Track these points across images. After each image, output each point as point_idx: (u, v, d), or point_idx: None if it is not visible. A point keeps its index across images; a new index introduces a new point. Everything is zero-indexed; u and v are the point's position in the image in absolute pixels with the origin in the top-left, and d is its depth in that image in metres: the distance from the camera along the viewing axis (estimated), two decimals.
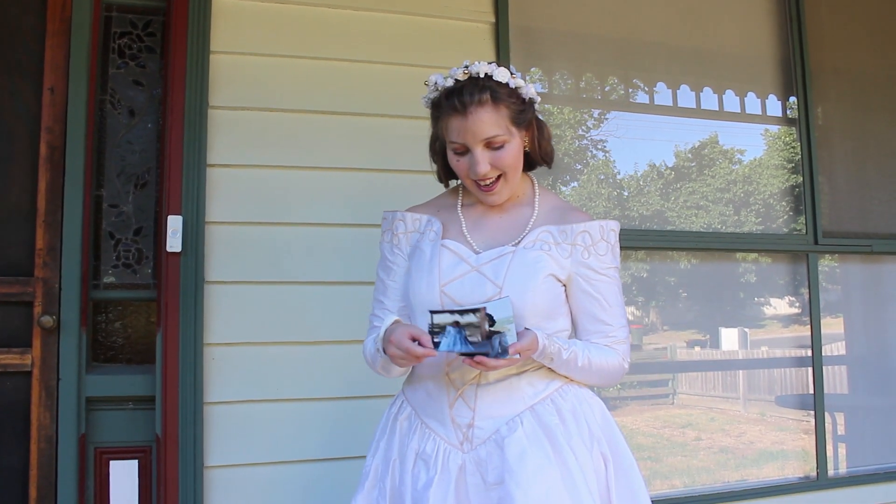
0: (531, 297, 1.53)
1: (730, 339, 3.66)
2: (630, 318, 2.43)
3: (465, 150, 1.57)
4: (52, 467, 2.36)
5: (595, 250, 1.59)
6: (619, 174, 3.38)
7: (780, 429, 3.36)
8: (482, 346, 1.42)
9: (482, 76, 1.55)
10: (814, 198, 3.23)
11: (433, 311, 1.47)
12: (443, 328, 1.44)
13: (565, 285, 1.59)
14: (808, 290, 3.23)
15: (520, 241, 1.59)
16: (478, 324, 1.42)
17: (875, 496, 3.18)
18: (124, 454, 2.45)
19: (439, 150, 1.68)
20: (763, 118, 3.42)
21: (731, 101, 3.35)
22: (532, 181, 1.71)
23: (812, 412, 3.17)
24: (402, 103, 2.57)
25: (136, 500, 2.45)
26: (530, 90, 1.60)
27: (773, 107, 3.39)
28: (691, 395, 3.78)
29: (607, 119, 3.31)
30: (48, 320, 2.35)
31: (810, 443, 3.18)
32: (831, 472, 3.19)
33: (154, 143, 2.60)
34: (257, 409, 2.44)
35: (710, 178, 3.51)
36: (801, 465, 3.21)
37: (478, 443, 1.53)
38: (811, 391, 3.18)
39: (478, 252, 1.60)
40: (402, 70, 2.64)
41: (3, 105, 2.46)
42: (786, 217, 3.41)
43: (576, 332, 1.64)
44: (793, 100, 3.32)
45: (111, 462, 2.44)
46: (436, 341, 1.45)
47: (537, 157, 1.68)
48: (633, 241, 3.01)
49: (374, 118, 2.62)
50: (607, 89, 3.26)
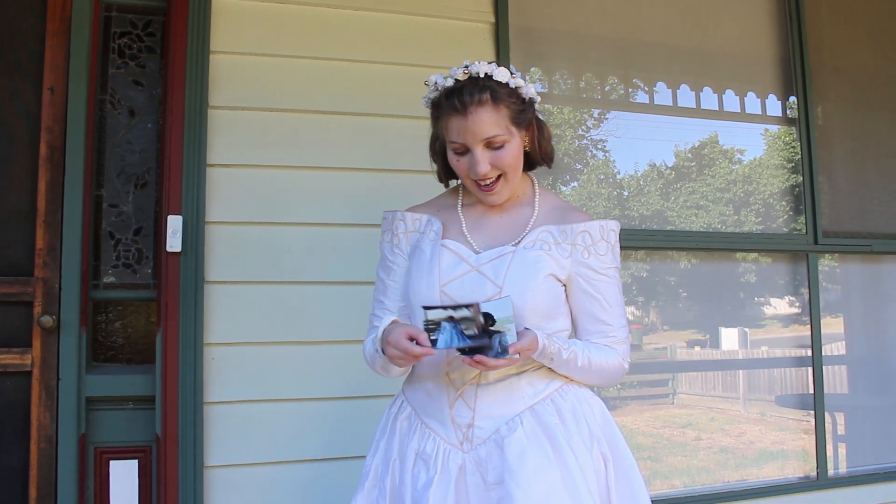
0: (531, 297, 1.53)
1: (730, 338, 3.66)
2: (630, 318, 2.43)
3: (465, 150, 1.57)
4: (52, 467, 2.36)
5: (595, 250, 1.59)
6: (619, 174, 3.38)
7: (780, 429, 3.36)
8: (480, 339, 1.43)
9: (482, 76, 1.55)
10: (814, 197, 3.23)
11: (426, 307, 1.46)
12: (438, 324, 1.44)
13: (565, 285, 1.59)
14: (808, 290, 3.23)
15: (520, 241, 1.59)
16: (472, 317, 1.42)
17: (875, 496, 3.17)
18: (124, 454, 2.45)
19: (439, 149, 1.68)
20: (763, 118, 3.42)
21: (731, 101, 3.35)
22: (532, 181, 1.71)
23: (812, 412, 3.17)
24: (402, 103, 2.57)
25: (136, 500, 2.45)
26: (530, 90, 1.60)
27: (773, 107, 3.39)
28: (691, 395, 3.78)
29: (607, 119, 3.31)
30: (48, 320, 2.35)
31: (810, 443, 3.18)
32: (831, 472, 3.19)
33: (154, 143, 2.60)
34: (257, 409, 2.44)
35: (710, 178, 3.51)
36: (801, 465, 3.21)
37: (478, 443, 1.53)
38: (811, 391, 3.18)
39: (478, 252, 1.60)
40: (402, 70, 2.64)
41: (3, 105, 2.46)
42: (786, 217, 3.41)
43: (576, 332, 1.64)
44: (793, 100, 3.32)
45: (111, 462, 2.44)
46: (433, 339, 1.45)
47: (537, 157, 1.68)
48: (633, 241, 3.01)
49: (374, 118, 2.62)
50: (607, 89, 3.26)
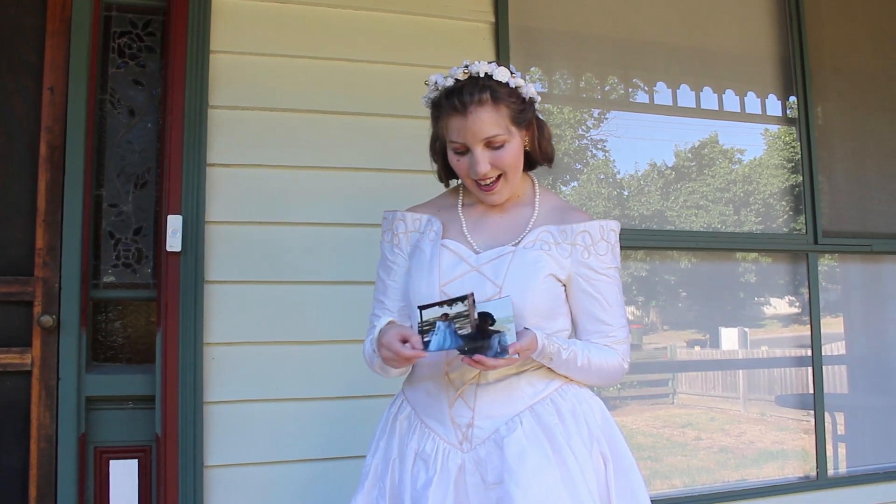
0: (531, 297, 1.53)
1: (730, 338, 3.66)
2: (630, 317, 2.43)
3: (465, 150, 1.57)
4: (52, 467, 2.36)
5: (595, 250, 1.59)
6: (619, 174, 3.38)
7: (779, 428, 3.36)
8: (473, 339, 1.42)
9: (482, 76, 1.55)
10: (814, 197, 3.23)
11: (421, 307, 1.46)
12: (433, 325, 1.44)
13: (565, 285, 1.59)
14: (807, 290, 3.23)
15: (520, 241, 1.59)
16: (467, 312, 1.42)
17: (874, 496, 3.18)
18: (124, 454, 2.45)
19: (439, 149, 1.68)
20: (763, 118, 3.42)
21: (731, 101, 3.35)
22: (532, 181, 1.71)
23: (812, 412, 3.17)
24: (402, 103, 2.57)
25: (136, 500, 2.45)
26: (530, 90, 1.60)
27: (773, 106, 3.39)
28: (691, 395, 3.77)
29: (607, 119, 3.31)
30: (48, 320, 2.35)
31: (810, 442, 3.18)
32: (831, 472, 3.19)
33: (154, 143, 2.60)
34: (257, 409, 2.44)
35: (710, 178, 3.51)
36: (800, 465, 3.21)
37: (477, 442, 1.53)
38: (811, 391, 3.18)
39: (478, 252, 1.60)
40: (402, 70, 2.64)
41: (3, 105, 2.46)
42: (786, 217, 3.41)
43: (576, 332, 1.64)
44: (793, 99, 3.32)
45: (111, 461, 2.44)
46: (426, 340, 1.44)
47: (537, 157, 1.68)
48: (633, 241, 3.01)
49: (374, 118, 2.62)
50: (607, 89, 3.26)
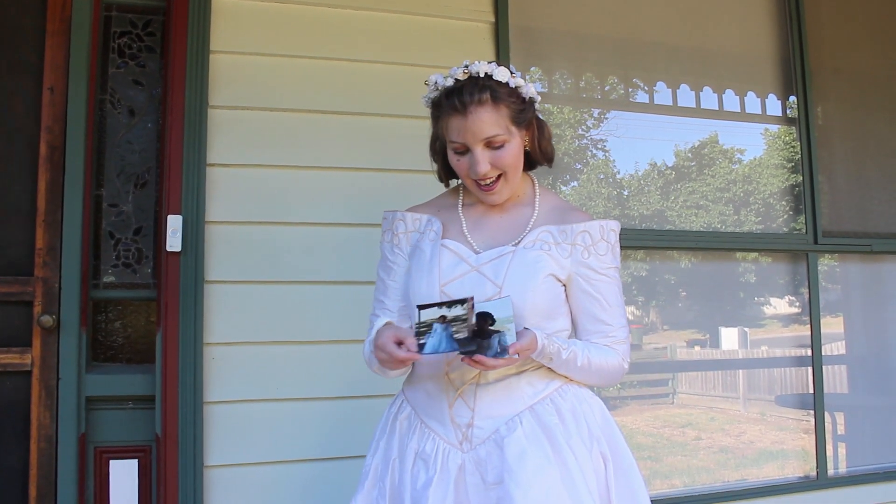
0: (531, 297, 1.52)
1: (730, 338, 3.66)
2: (630, 317, 2.43)
3: (465, 150, 1.57)
4: (52, 467, 2.36)
5: (595, 250, 1.59)
6: (619, 174, 3.38)
7: (779, 428, 3.36)
8: (468, 344, 1.42)
9: (482, 76, 1.55)
10: (813, 197, 3.23)
11: (420, 307, 1.46)
12: (429, 326, 1.44)
13: (565, 285, 1.59)
14: (807, 290, 3.23)
15: (520, 241, 1.59)
16: (465, 316, 1.42)
17: (874, 496, 3.17)
18: (124, 454, 2.45)
19: (440, 149, 1.68)
20: (763, 118, 3.42)
21: (731, 101, 3.35)
22: (532, 181, 1.71)
23: (812, 412, 3.17)
24: (402, 103, 2.57)
25: (136, 500, 2.45)
26: (530, 89, 1.60)
27: (773, 106, 3.39)
28: (691, 395, 3.77)
29: (607, 119, 3.31)
30: (48, 320, 2.35)
31: (810, 442, 3.18)
32: (831, 472, 3.19)
33: (154, 143, 2.60)
34: (257, 409, 2.44)
35: (710, 178, 3.51)
36: (800, 465, 3.21)
37: (477, 442, 1.53)
38: (811, 391, 3.18)
39: (478, 252, 1.60)
40: (403, 69, 2.64)
41: (3, 105, 2.46)
42: (786, 217, 3.41)
43: (576, 332, 1.64)
44: (793, 99, 3.32)
45: (111, 461, 2.44)
46: (422, 342, 1.44)
47: (538, 157, 1.68)
48: (633, 241, 3.01)
49: (374, 118, 2.62)
50: (607, 89, 3.26)
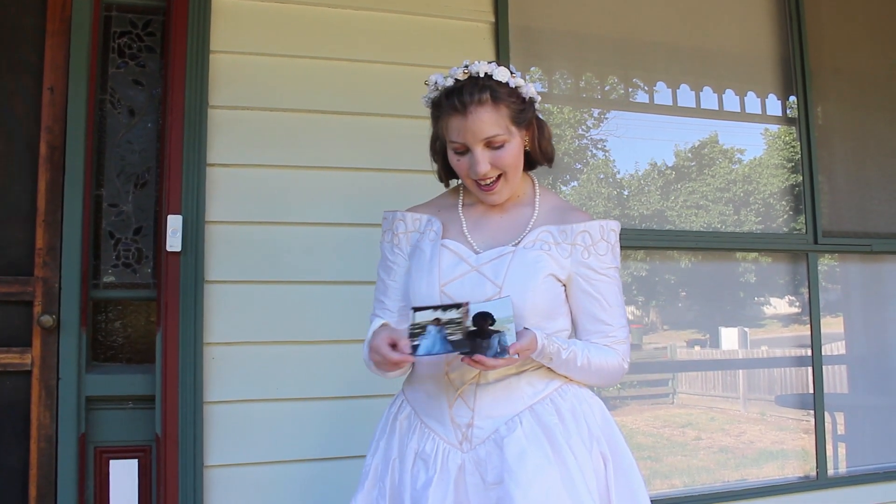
0: (531, 297, 1.52)
1: (730, 338, 3.66)
2: (630, 317, 2.43)
3: (465, 150, 1.57)
4: (52, 467, 2.36)
5: (595, 250, 1.59)
6: (619, 174, 3.38)
7: (779, 428, 3.36)
8: (461, 346, 1.41)
9: (482, 76, 1.55)
10: (813, 197, 3.23)
11: (415, 308, 1.46)
12: (424, 328, 1.43)
13: (565, 285, 1.59)
14: (807, 290, 3.23)
15: (520, 241, 1.59)
16: (459, 320, 1.41)
17: (874, 496, 3.17)
18: (124, 453, 2.45)
19: (440, 149, 1.68)
20: (763, 118, 3.42)
21: (731, 101, 3.35)
22: (533, 181, 1.71)
23: (812, 412, 3.17)
24: (402, 103, 2.57)
25: (136, 500, 2.45)
26: (530, 89, 1.60)
27: (773, 106, 3.39)
28: (691, 395, 3.78)
29: (607, 118, 3.31)
30: (48, 320, 2.35)
31: (810, 442, 3.18)
32: (831, 472, 3.19)
33: (154, 143, 2.60)
34: (257, 409, 2.44)
35: (710, 178, 3.51)
36: (800, 465, 3.21)
37: (477, 442, 1.53)
38: (811, 391, 3.18)
39: (478, 252, 1.60)
40: (402, 69, 2.64)
41: (3, 105, 2.46)
42: (786, 216, 3.41)
43: (576, 332, 1.63)
44: (793, 99, 3.32)
45: (111, 461, 2.44)
46: (416, 344, 1.44)
47: (538, 157, 1.68)
48: (633, 241, 3.01)
49: (374, 118, 2.62)
50: (607, 89, 3.26)
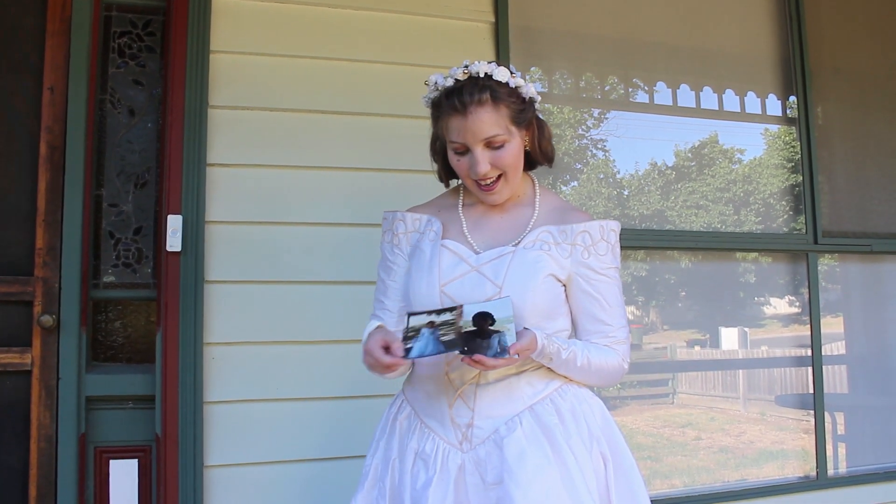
0: (531, 297, 1.52)
1: (730, 338, 3.66)
2: (630, 317, 2.43)
3: (465, 150, 1.57)
4: (52, 467, 2.36)
5: (595, 250, 1.59)
6: (619, 174, 3.38)
7: (779, 428, 3.36)
8: (454, 345, 1.41)
9: (482, 76, 1.55)
10: (813, 197, 3.23)
11: (410, 314, 1.47)
12: (418, 331, 1.43)
13: (565, 285, 1.59)
14: (807, 290, 3.23)
15: (520, 242, 1.59)
16: (453, 321, 1.41)
17: (875, 496, 3.18)
18: (124, 453, 2.45)
19: (440, 149, 1.68)
20: (763, 118, 3.42)
21: (731, 101, 3.35)
22: (533, 181, 1.71)
23: (812, 412, 3.17)
24: (402, 103, 2.57)
25: (136, 500, 2.45)
26: (530, 89, 1.60)
27: (773, 106, 3.39)
28: (691, 395, 3.78)
29: (607, 118, 3.31)
30: (48, 320, 2.35)
31: (810, 442, 3.18)
32: (831, 472, 3.19)
33: (154, 143, 2.60)
34: (257, 409, 2.44)
35: (710, 178, 3.51)
36: (800, 465, 3.21)
37: (477, 442, 1.53)
38: (811, 391, 3.18)
39: (478, 252, 1.60)
40: (402, 69, 2.64)
41: (3, 105, 2.46)
42: (786, 217, 3.41)
43: (576, 332, 1.63)
44: (793, 99, 3.32)
45: (111, 461, 2.44)
46: (409, 347, 1.43)
47: (538, 157, 1.68)
48: (633, 241, 3.01)
49: (374, 118, 2.62)
50: (607, 89, 3.26)
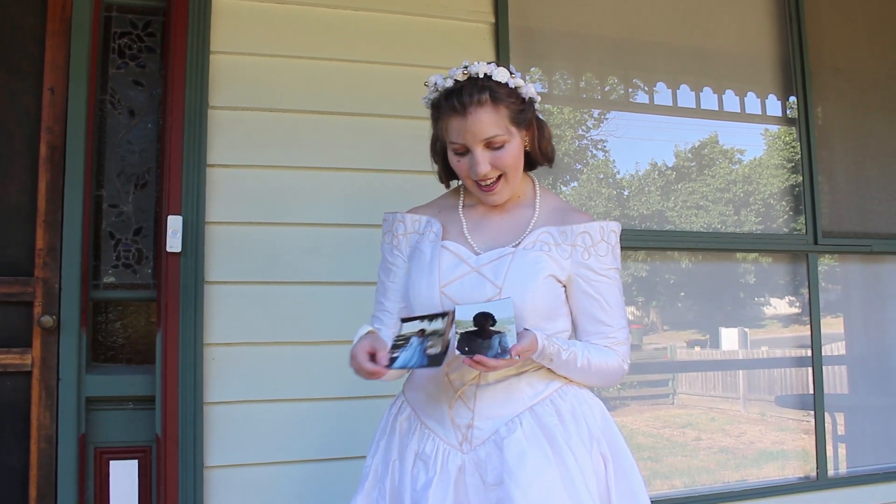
0: (531, 298, 1.52)
1: (730, 339, 3.66)
2: (630, 318, 2.43)
3: (465, 151, 1.57)
4: (52, 467, 2.36)
5: (595, 251, 1.59)
6: (619, 174, 3.38)
7: (780, 429, 3.36)
8: (437, 361, 1.40)
9: (481, 76, 1.55)
10: (813, 198, 3.23)
11: (403, 319, 1.47)
12: (407, 339, 1.43)
13: (565, 286, 1.59)
14: (807, 290, 3.23)
15: (520, 242, 1.59)
16: (442, 331, 1.41)
17: (875, 496, 3.17)
18: (124, 454, 2.45)
19: (440, 150, 1.68)
20: (763, 118, 3.42)
21: (731, 101, 3.35)
22: (533, 182, 1.70)
23: (812, 412, 3.17)
24: (401, 103, 2.57)
25: (136, 500, 2.45)
26: (530, 90, 1.59)
27: (773, 107, 3.39)
28: (691, 395, 3.77)
29: (607, 119, 3.31)
30: (48, 320, 2.35)
31: (810, 443, 3.18)
32: (831, 473, 3.19)
33: (154, 143, 2.60)
34: (257, 409, 2.44)
35: (710, 178, 3.51)
36: (801, 465, 3.21)
37: (477, 443, 1.53)
38: (811, 391, 3.18)
39: (478, 253, 1.59)
40: (402, 70, 2.64)
41: (3, 105, 2.46)
42: (786, 217, 3.41)
43: (576, 333, 1.63)
44: (793, 100, 3.32)
45: (111, 462, 2.44)
46: (394, 356, 1.43)
47: (538, 157, 1.68)
48: (633, 241, 3.01)
49: (373, 118, 2.62)
50: (607, 89, 3.26)
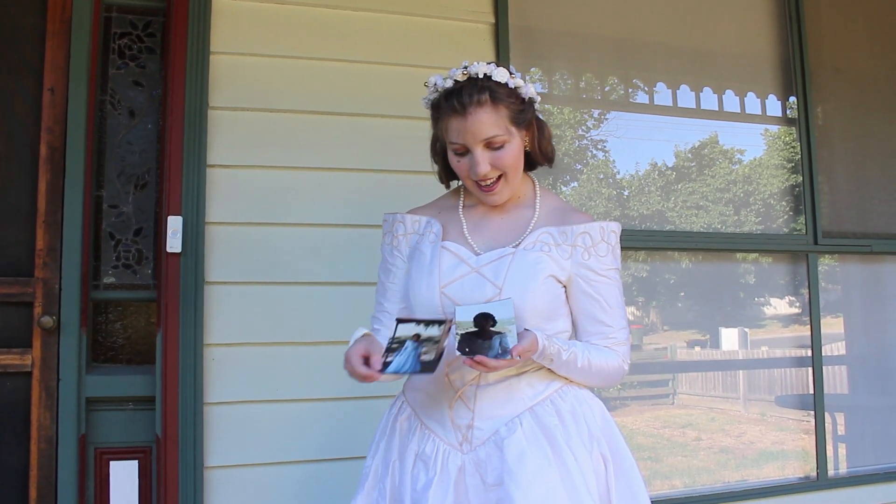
0: (531, 299, 1.52)
1: (730, 339, 3.66)
2: (630, 318, 2.43)
3: (465, 151, 1.57)
4: (52, 467, 2.36)
5: (595, 251, 1.59)
6: (619, 174, 3.38)
7: (780, 429, 3.36)
8: (430, 368, 1.40)
9: (481, 76, 1.55)
10: (813, 198, 3.23)
11: (399, 320, 1.46)
12: (402, 343, 1.43)
13: (565, 286, 1.59)
14: (807, 290, 3.23)
15: (520, 243, 1.59)
16: (437, 338, 1.41)
17: (875, 496, 3.17)
18: (124, 454, 2.45)
19: (440, 150, 1.68)
20: (763, 118, 3.42)
21: (731, 101, 3.35)
22: (533, 182, 1.70)
23: (812, 412, 3.17)
24: (401, 103, 2.57)
25: (136, 501, 2.45)
26: (530, 90, 1.59)
27: (773, 107, 3.39)
28: (691, 396, 3.77)
29: (607, 119, 3.31)
30: (48, 321, 2.35)
31: (810, 443, 3.18)
32: (831, 473, 3.19)
33: (154, 144, 2.60)
34: (257, 410, 2.44)
35: (710, 178, 3.51)
36: (801, 466, 3.21)
37: (477, 444, 1.53)
38: (811, 391, 3.18)
39: (478, 253, 1.59)
40: (402, 70, 2.64)
41: (3, 105, 2.46)
42: (786, 217, 3.41)
43: (576, 334, 1.63)
44: (793, 100, 3.32)
45: (111, 462, 2.44)
46: (387, 361, 1.43)
47: (538, 157, 1.68)
48: (633, 241, 3.01)
49: (373, 118, 2.62)
50: (607, 89, 3.26)
